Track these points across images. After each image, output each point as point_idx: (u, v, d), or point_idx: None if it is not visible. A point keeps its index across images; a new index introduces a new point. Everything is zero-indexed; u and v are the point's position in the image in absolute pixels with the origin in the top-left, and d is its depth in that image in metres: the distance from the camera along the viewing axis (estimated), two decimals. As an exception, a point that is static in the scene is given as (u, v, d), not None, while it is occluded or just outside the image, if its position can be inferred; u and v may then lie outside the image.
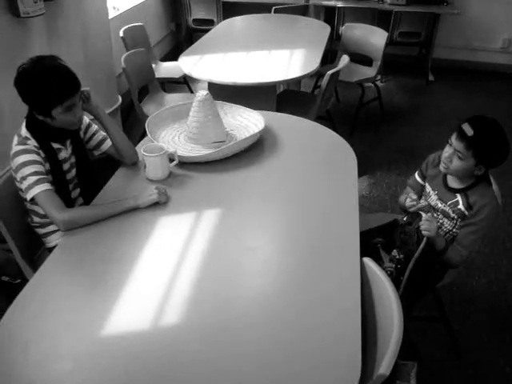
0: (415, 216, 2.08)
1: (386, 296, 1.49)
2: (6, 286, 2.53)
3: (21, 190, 1.90)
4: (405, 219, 2.11)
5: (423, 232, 1.97)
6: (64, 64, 1.86)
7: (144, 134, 2.41)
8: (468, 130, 1.90)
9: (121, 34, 4.22)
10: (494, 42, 6.26)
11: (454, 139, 1.96)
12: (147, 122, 2.37)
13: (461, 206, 2.04)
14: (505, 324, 2.64)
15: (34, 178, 1.81)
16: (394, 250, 2.07)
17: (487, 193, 2.00)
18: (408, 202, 2.12)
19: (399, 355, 1.31)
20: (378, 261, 1.95)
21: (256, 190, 2.12)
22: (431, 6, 5.69)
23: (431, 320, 2.54)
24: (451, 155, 1.97)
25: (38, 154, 1.87)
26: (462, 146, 1.92)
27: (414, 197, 2.12)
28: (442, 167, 2.04)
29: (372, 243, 2.13)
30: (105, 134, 2.17)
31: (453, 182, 2.09)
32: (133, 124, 4.12)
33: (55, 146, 1.96)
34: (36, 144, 1.88)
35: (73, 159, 2.08)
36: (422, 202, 2.13)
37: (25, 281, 1.69)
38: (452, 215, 2.08)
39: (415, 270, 1.97)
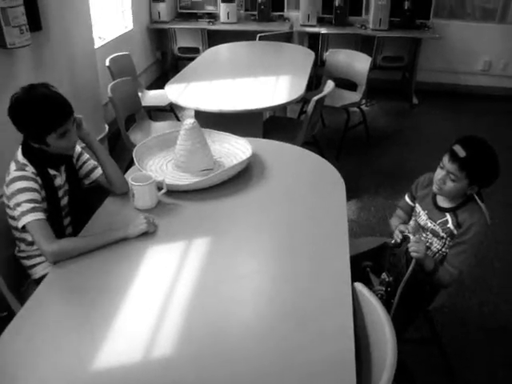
0: (403, 238, 2.09)
1: (378, 321, 1.48)
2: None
3: (12, 217, 1.89)
4: (393, 242, 2.12)
5: (412, 254, 1.98)
6: (56, 91, 1.87)
7: (131, 163, 2.41)
8: (460, 151, 1.92)
9: (107, 63, 4.22)
10: (474, 64, 6.40)
11: (446, 161, 1.97)
12: (134, 150, 2.37)
13: (450, 225, 2.05)
14: (496, 345, 2.64)
15: (29, 205, 1.80)
16: (384, 273, 2.07)
17: (476, 212, 2.02)
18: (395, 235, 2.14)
19: (393, 379, 1.30)
20: (368, 284, 1.95)
21: (245, 218, 2.12)
22: (413, 30, 5.80)
23: (424, 342, 2.53)
24: (444, 177, 1.99)
25: (36, 181, 1.87)
26: (454, 167, 1.94)
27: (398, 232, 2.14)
28: (435, 189, 2.06)
29: (361, 267, 2.13)
30: (95, 163, 2.17)
31: (443, 202, 2.11)
32: (120, 153, 4.11)
33: (51, 172, 1.97)
34: (34, 170, 1.88)
35: (66, 187, 2.07)
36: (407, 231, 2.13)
37: (12, 314, 1.66)
38: (441, 234, 2.09)
39: (406, 293, 1.97)
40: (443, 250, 2.12)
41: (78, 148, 2.13)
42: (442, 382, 2.42)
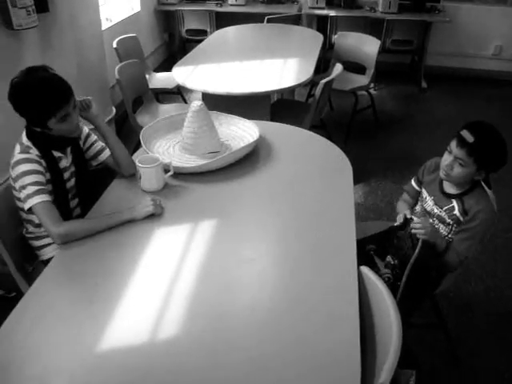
0: (405, 221, 2.08)
1: (383, 305, 1.48)
2: (0, 300, 2.51)
3: (19, 199, 1.89)
4: (396, 224, 2.11)
5: (418, 235, 1.97)
6: (54, 74, 1.85)
7: (138, 145, 2.41)
8: (468, 136, 1.90)
9: (114, 45, 4.22)
10: (485, 48, 6.32)
11: (453, 147, 1.96)
12: (141, 132, 2.37)
13: (456, 212, 2.04)
14: (502, 330, 2.64)
15: (34, 188, 1.80)
16: (388, 256, 2.07)
17: (483, 198, 2.01)
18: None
19: (398, 363, 1.30)
20: (373, 268, 1.95)
21: (251, 200, 2.12)
22: (423, 13, 5.74)
23: (429, 327, 2.54)
24: (452, 163, 1.97)
25: (40, 163, 1.87)
26: (463, 152, 1.92)
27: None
28: (442, 175, 2.04)
29: (365, 250, 2.12)
30: (103, 144, 2.17)
31: (449, 188, 2.09)
32: (127, 135, 4.10)
33: (56, 154, 1.97)
34: (38, 153, 1.88)
35: (73, 168, 2.08)
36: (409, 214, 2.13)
37: (20, 294, 1.68)
38: (448, 221, 2.08)
39: (412, 276, 1.97)
40: (450, 236, 2.11)
41: (86, 129, 2.13)
42: (446, 367, 2.42)
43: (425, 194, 2.21)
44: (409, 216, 2.09)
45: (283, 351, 1.40)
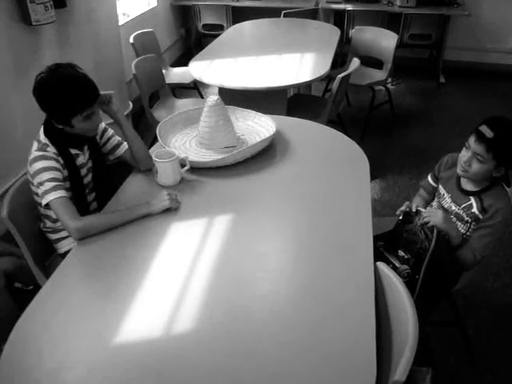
0: (405, 214, 2.06)
1: (400, 301, 1.47)
2: (18, 293, 2.54)
3: (36, 194, 1.92)
4: (400, 218, 2.09)
5: (431, 223, 1.95)
6: (82, 72, 1.87)
7: (155, 140, 2.42)
8: (487, 132, 1.87)
9: (131, 40, 4.23)
10: (505, 43, 6.22)
11: (472, 142, 1.93)
12: (158, 127, 2.38)
13: (475, 210, 2.01)
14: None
15: (51, 184, 1.82)
16: (400, 251, 2.04)
17: (502, 196, 1.98)
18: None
19: (414, 360, 1.29)
20: (388, 264, 1.93)
21: (267, 195, 2.11)
22: (441, 7, 5.65)
23: (446, 325, 2.52)
24: (470, 159, 1.94)
25: (57, 160, 1.89)
26: (481, 148, 1.89)
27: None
28: (460, 171, 2.01)
29: (375, 247, 2.11)
30: (120, 139, 2.19)
31: (467, 185, 2.07)
32: (144, 130, 4.12)
33: (73, 151, 1.98)
34: (55, 151, 1.90)
35: (90, 164, 2.09)
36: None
37: (37, 287, 1.69)
38: (466, 218, 2.05)
39: (429, 271, 1.94)
40: (468, 234, 2.08)
41: (103, 124, 2.14)
42: (462, 366, 2.40)
43: (442, 190, 2.19)
44: (414, 210, 2.07)
45: (298, 347, 1.40)
